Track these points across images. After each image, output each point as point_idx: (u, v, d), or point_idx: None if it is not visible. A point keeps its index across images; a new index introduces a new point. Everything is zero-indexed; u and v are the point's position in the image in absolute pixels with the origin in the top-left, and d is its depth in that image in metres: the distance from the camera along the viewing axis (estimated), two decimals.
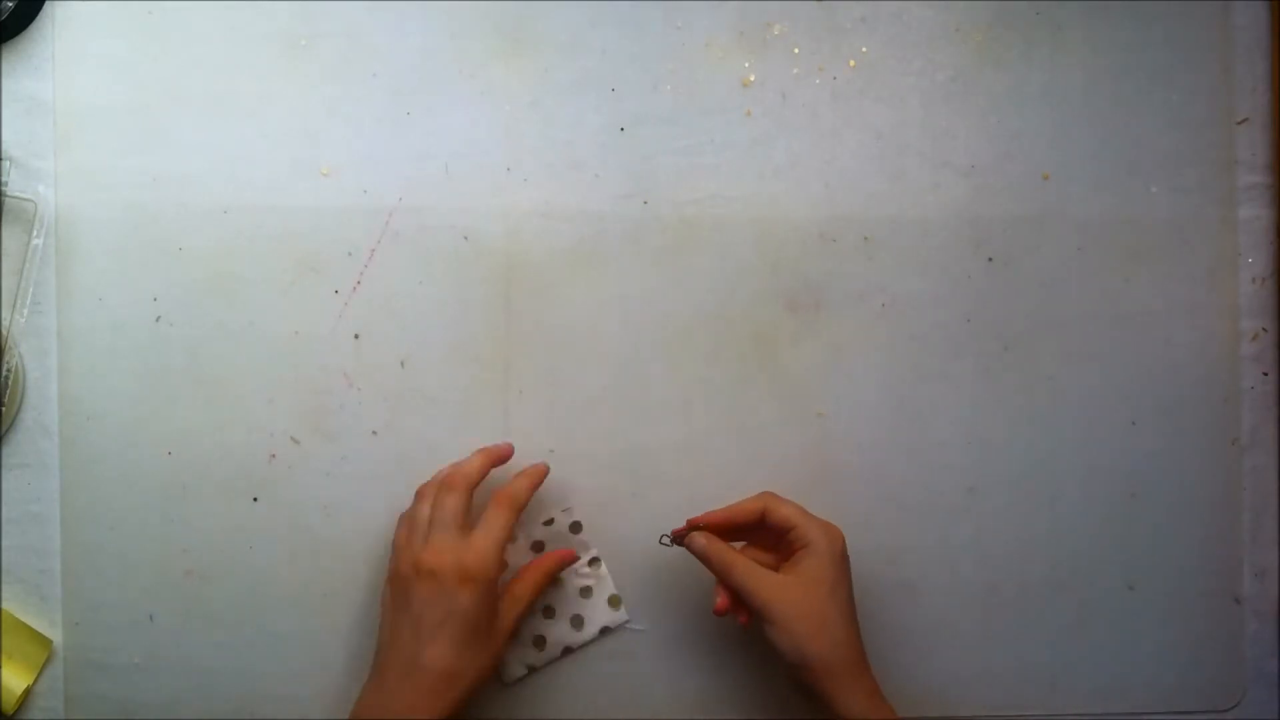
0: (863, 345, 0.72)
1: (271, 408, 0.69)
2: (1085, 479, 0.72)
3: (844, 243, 0.72)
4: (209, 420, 0.69)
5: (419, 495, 0.66)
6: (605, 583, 0.70)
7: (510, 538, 0.64)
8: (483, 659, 0.62)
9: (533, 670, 0.70)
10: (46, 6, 0.68)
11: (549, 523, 0.70)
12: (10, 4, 0.67)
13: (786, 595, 0.63)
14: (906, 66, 0.72)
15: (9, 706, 0.66)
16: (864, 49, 0.72)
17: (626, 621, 0.70)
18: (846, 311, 0.72)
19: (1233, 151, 0.73)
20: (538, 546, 0.70)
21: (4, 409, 0.67)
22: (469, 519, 0.64)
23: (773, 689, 0.71)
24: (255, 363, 0.69)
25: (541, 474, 0.67)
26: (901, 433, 0.72)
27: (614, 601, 0.70)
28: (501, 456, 0.68)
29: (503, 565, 0.64)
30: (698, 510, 0.66)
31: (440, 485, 0.65)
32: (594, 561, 0.70)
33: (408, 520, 0.65)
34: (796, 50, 0.72)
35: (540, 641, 0.70)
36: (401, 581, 0.63)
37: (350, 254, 0.70)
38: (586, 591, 0.70)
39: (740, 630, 0.66)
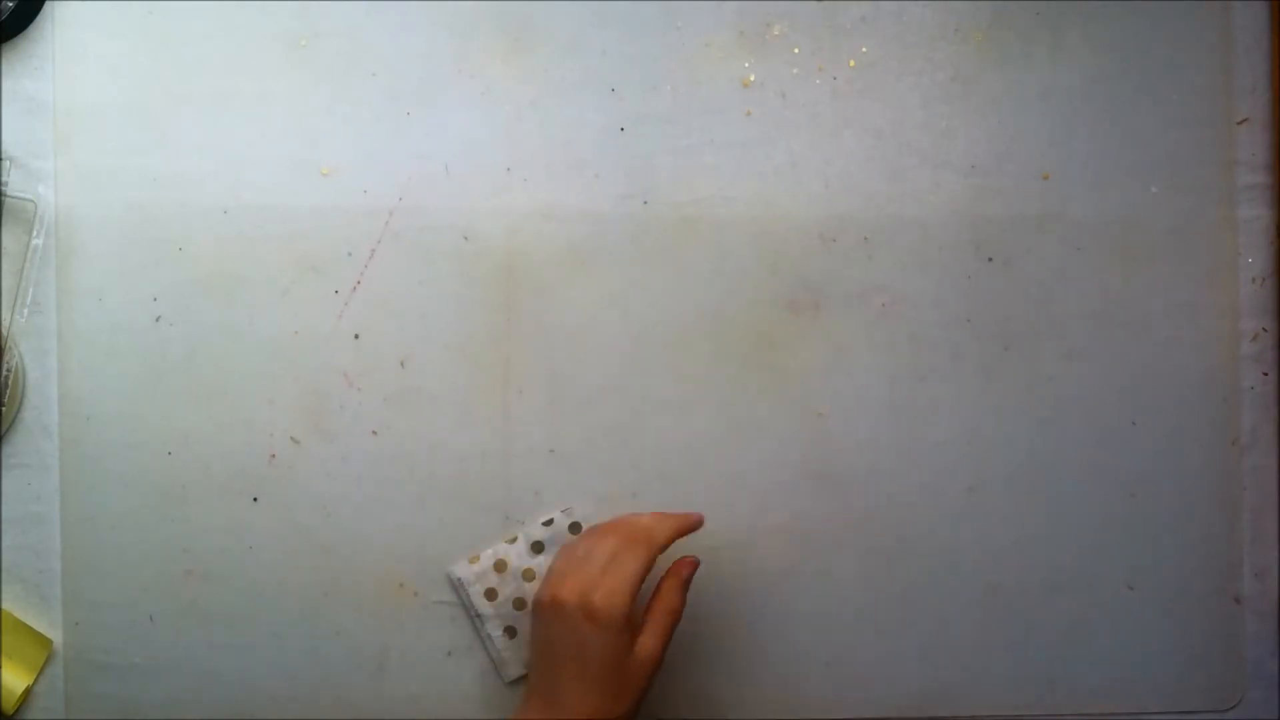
0: (863, 345, 0.71)
1: (271, 408, 0.69)
2: (1085, 479, 0.72)
3: (844, 243, 0.72)
4: (209, 420, 0.69)
5: (589, 533, 0.65)
6: None
7: (642, 580, 0.61)
8: (619, 707, 0.60)
9: None
10: (46, 6, 0.68)
11: (548, 523, 0.70)
12: (10, 4, 0.67)
13: None
14: (906, 66, 0.72)
15: (9, 706, 0.66)
16: (864, 49, 0.72)
17: None
18: (846, 311, 0.72)
19: (1233, 151, 0.73)
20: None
21: (4, 409, 0.67)
22: (637, 589, 0.61)
23: (772, 689, 0.71)
24: (255, 363, 0.69)
25: (692, 524, 0.65)
26: (901, 433, 0.71)
27: None
28: (692, 527, 0.65)
29: (633, 604, 0.61)
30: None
31: (624, 539, 0.62)
32: None
33: (567, 552, 0.64)
34: (796, 50, 0.72)
35: None
36: (537, 608, 0.63)
37: (350, 254, 0.70)
38: None
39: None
